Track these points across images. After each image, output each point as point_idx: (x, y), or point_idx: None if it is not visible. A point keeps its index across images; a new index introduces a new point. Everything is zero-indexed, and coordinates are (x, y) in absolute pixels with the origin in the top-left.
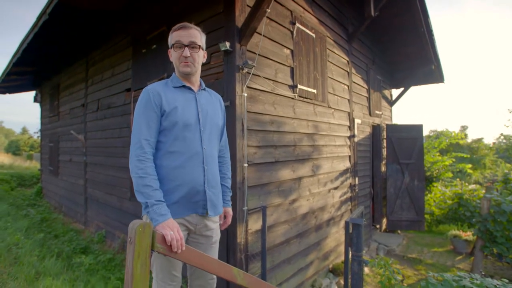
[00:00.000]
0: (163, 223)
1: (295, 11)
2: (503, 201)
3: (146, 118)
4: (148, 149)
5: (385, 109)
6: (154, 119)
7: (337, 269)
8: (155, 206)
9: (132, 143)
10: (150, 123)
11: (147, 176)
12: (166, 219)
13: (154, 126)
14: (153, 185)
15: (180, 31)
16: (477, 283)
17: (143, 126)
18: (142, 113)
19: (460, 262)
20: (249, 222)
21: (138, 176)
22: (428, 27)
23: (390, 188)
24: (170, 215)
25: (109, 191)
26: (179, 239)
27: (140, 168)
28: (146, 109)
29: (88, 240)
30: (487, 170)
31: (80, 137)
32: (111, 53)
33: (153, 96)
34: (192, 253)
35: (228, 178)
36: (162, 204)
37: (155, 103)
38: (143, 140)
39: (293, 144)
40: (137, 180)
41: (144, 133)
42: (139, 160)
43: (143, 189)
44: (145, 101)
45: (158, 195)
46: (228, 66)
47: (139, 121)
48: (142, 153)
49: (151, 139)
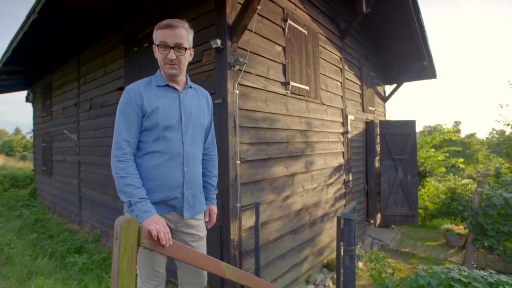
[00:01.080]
0: (148, 219)
1: (287, 8)
2: (494, 195)
3: (126, 118)
4: (128, 149)
5: (379, 105)
6: (135, 119)
7: (332, 264)
8: (138, 204)
9: (113, 144)
10: (130, 123)
11: (129, 175)
12: (151, 215)
13: (134, 127)
14: (135, 183)
15: (166, 31)
16: (464, 275)
17: (123, 126)
18: (122, 113)
19: (453, 256)
20: (243, 218)
21: (119, 176)
22: (420, 23)
23: (384, 183)
24: (155, 211)
25: (103, 191)
26: (165, 233)
27: (120, 168)
28: (127, 109)
29: (82, 240)
30: (480, 165)
31: (74, 136)
32: (103, 52)
33: (134, 96)
34: (179, 248)
35: (214, 176)
36: (145, 201)
37: (136, 103)
38: (122, 141)
39: (286, 140)
40: (118, 180)
41: (124, 133)
42: (119, 161)
43: (125, 188)
44: (125, 101)
45: (141, 193)
46: (220, 63)
47: (119, 121)
48: (122, 154)
49: (131, 139)
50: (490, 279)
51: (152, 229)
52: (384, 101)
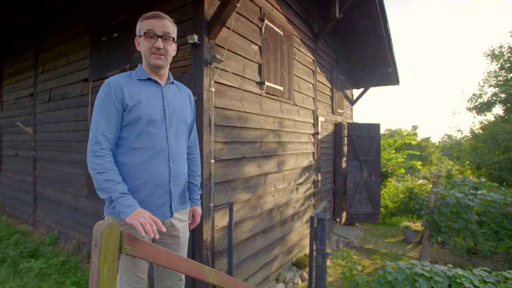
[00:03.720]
0: (132, 213)
1: (264, 7)
2: (447, 195)
3: (105, 112)
4: (106, 144)
5: (347, 108)
6: (114, 114)
7: (300, 262)
8: (120, 199)
9: (89, 139)
10: (109, 117)
11: (107, 171)
12: (134, 209)
13: (113, 121)
14: (114, 179)
15: (154, 20)
16: (427, 270)
17: (101, 121)
18: (101, 107)
19: (410, 251)
20: (216, 218)
21: (97, 172)
22: (387, 32)
23: (350, 183)
24: (138, 205)
25: (63, 189)
26: (152, 223)
27: (98, 164)
28: (106, 103)
29: (37, 243)
30: (434, 166)
31: (29, 129)
32: (65, 39)
33: (114, 89)
34: (160, 253)
35: (197, 176)
36: (127, 195)
37: (116, 96)
38: (100, 136)
39: (259, 140)
40: (96, 177)
41: (102, 128)
42: (96, 156)
43: (104, 185)
44: (104, 94)
45: (122, 188)
46: (196, 59)
47: (97, 115)
48: (99, 148)
49: (109, 134)
50: (449, 272)
51: (136, 223)
52: (352, 104)
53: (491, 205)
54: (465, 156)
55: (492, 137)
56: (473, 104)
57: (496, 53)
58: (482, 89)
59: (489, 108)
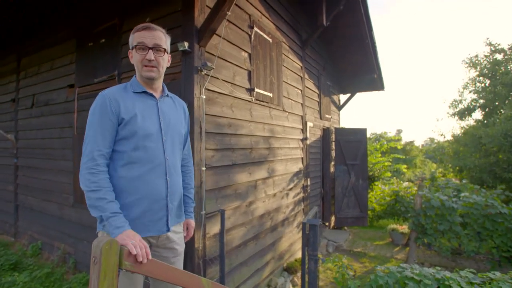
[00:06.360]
0: (121, 234)
1: (253, 15)
2: (432, 197)
3: (101, 126)
4: (101, 160)
5: (334, 113)
6: (110, 128)
7: (291, 267)
8: (110, 219)
9: (83, 154)
10: (104, 132)
11: (101, 189)
12: (123, 230)
13: (108, 136)
14: (107, 197)
15: (144, 32)
16: (416, 273)
17: (96, 135)
18: (96, 121)
19: (398, 253)
20: (207, 226)
21: (90, 190)
22: (372, 39)
23: (338, 187)
24: (128, 226)
25: (47, 198)
26: (142, 247)
27: (92, 182)
28: (102, 116)
29: (19, 254)
30: (418, 169)
31: (10, 136)
32: (50, 43)
33: (109, 102)
34: (159, 267)
35: (191, 188)
36: (118, 215)
37: (112, 110)
38: (95, 151)
39: (250, 147)
40: (89, 194)
41: (98, 143)
42: (91, 173)
43: (97, 203)
44: (100, 108)
45: (114, 207)
46: (186, 67)
47: (92, 129)
48: (94, 165)
49: (105, 149)
50: (437, 275)
51: (128, 244)
52: (339, 109)
53: (473, 207)
54: (447, 160)
55: (473, 140)
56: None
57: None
58: (462, 95)
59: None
